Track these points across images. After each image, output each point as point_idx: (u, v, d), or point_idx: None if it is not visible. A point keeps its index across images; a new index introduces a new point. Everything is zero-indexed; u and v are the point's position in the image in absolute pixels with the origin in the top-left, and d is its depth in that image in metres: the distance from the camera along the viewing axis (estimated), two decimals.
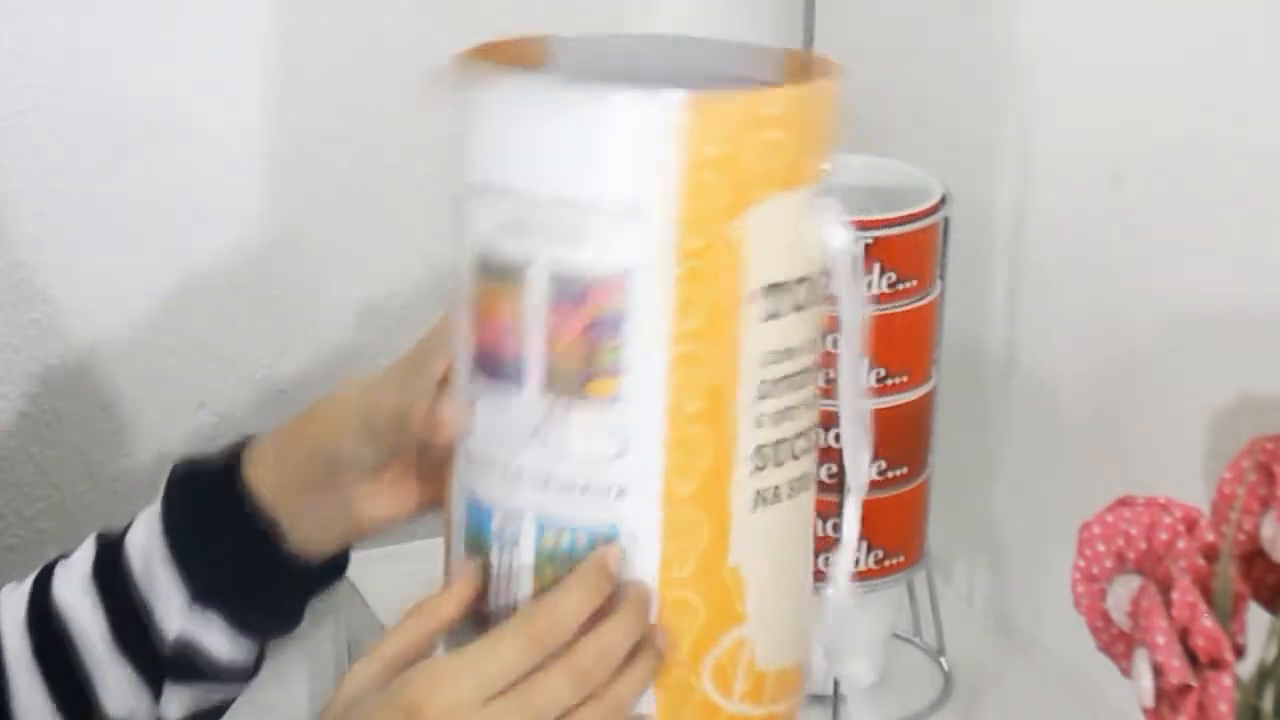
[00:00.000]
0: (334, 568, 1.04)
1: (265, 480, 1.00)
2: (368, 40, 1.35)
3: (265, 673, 1.46)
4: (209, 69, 1.32)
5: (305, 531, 1.00)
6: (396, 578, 1.33)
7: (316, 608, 1.05)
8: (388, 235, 1.40)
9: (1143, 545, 0.85)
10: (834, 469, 1.11)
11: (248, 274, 1.35)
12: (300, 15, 1.33)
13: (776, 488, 0.86)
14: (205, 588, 1.00)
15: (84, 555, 1.03)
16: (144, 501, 1.41)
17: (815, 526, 1.12)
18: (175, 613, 1.00)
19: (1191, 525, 0.84)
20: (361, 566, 1.34)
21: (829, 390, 1.10)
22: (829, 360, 1.10)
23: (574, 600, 0.84)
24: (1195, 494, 0.91)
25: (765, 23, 1.43)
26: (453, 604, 0.88)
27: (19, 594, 1.04)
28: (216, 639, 1.01)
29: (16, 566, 1.36)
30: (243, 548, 1.00)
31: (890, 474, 1.12)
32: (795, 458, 0.87)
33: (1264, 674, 0.81)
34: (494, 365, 0.84)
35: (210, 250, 1.34)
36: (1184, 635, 0.80)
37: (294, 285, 1.37)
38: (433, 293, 1.42)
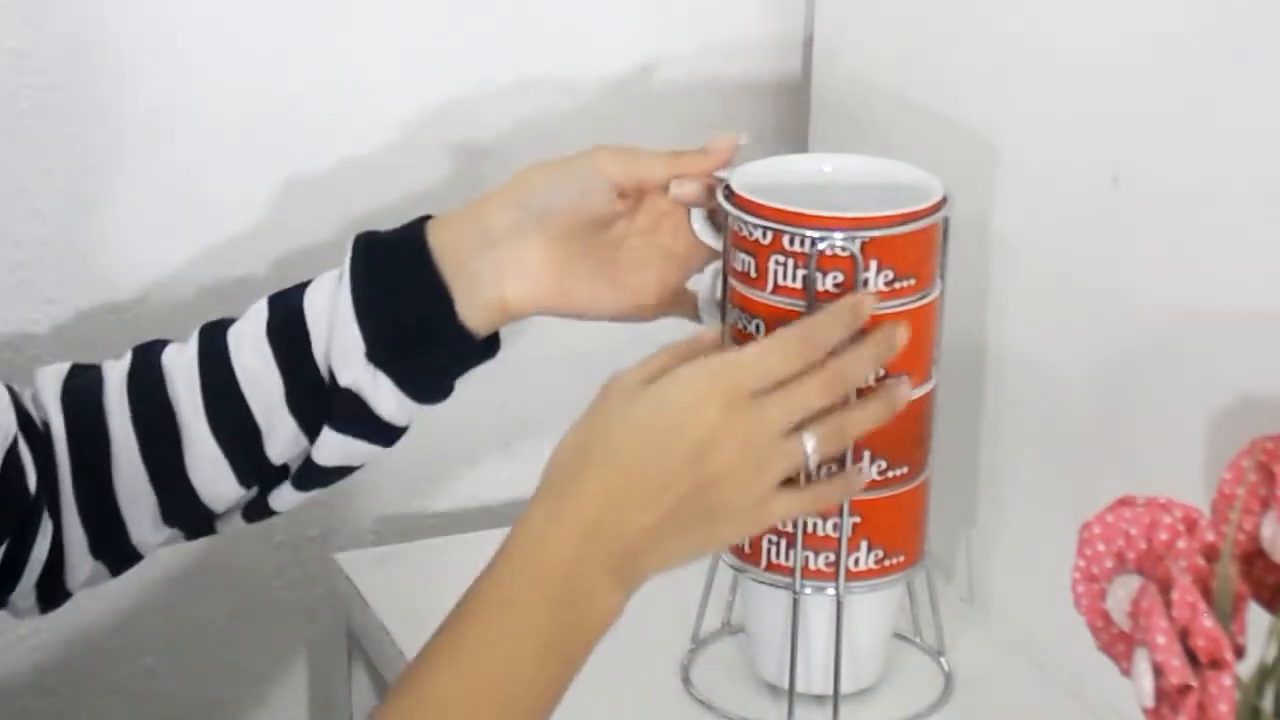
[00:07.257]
0: (489, 348, 1.14)
1: (444, 247, 1.11)
2: (361, 42, 1.35)
3: (266, 673, 1.46)
4: (209, 69, 1.32)
5: (469, 304, 1.11)
6: (397, 578, 1.34)
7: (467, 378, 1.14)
8: None
9: (1143, 545, 0.85)
10: (834, 468, 1.11)
11: (249, 274, 1.35)
12: (298, 13, 1.33)
13: None
14: (383, 347, 1.10)
15: (255, 319, 1.13)
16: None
17: (815, 527, 1.13)
18: (350, 366, 1.10)
19: (1191, 525, 0.84)
20: (362, 567, 1.35)
21: None
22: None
23: (827, 326, 1.02)
24: (1195, 494, 0.91)
25: (766, 22, 1.43)
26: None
27: (186, 355, 1.14)
28: (384, 395, 1.11)
29: None
30: (421, 313, 1.11)
31: (890, 474, 1.12)
32: None
33: (1264, 674, 0.81)
34: None
35: (211, 250, 1.34)
36: (1184, 635, 0.79)
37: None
38: None
